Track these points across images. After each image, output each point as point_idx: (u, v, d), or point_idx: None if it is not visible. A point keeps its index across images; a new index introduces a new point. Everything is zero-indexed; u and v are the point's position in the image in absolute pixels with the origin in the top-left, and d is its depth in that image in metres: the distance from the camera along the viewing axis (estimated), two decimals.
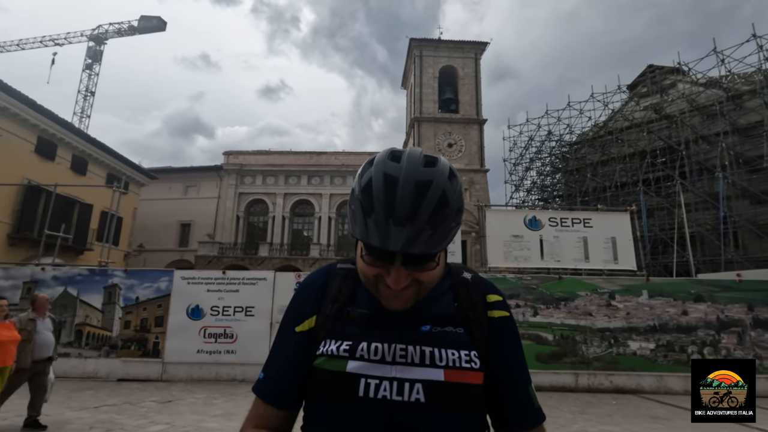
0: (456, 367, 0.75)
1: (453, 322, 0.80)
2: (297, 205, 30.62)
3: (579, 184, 28.59)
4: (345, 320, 0.80)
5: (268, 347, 4.73)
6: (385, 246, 0.67)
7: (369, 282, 0.77)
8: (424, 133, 29.67)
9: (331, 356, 0.76)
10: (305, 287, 0.88)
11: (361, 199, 0.70)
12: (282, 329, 0.86)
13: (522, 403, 0.82)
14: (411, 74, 32.64)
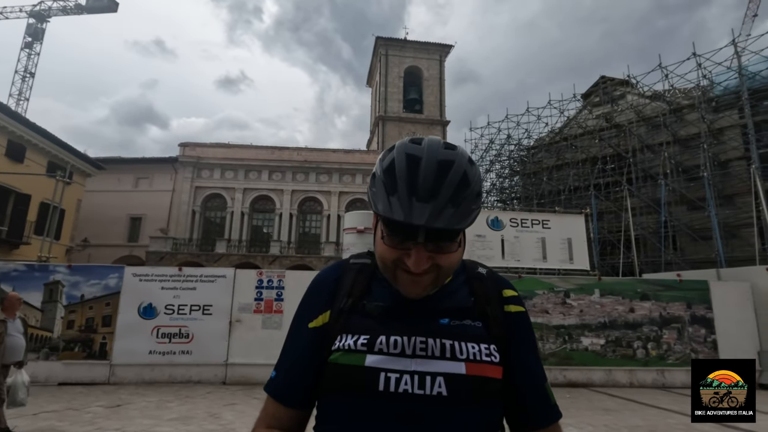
0: (477, 361, 0.75)
1: (471, 315, 0.80)
2: (257, 201, 29.79)
3: (536, 186, 29.75)
4: (361, 314, 0.79)
5: (228, 346, 4.55)
6: (409, 219, 0.67)
7: (387, 268, 0.75)
8: (389, 132, 29.77)
9: (349, 350, 0.75)
10: (318, 283, 0.87)
11: (384, 179, 0.71)
12: (294, 326, 0.84)
13: (539, 399, 0.81)
14: (376, 73, 32.66)
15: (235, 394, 6.81)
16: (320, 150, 30.79)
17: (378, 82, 31.69)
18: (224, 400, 6.36)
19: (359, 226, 9.58)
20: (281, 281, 7.90)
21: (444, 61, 31.99)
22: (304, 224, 29.99)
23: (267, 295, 7.84)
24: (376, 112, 32.04)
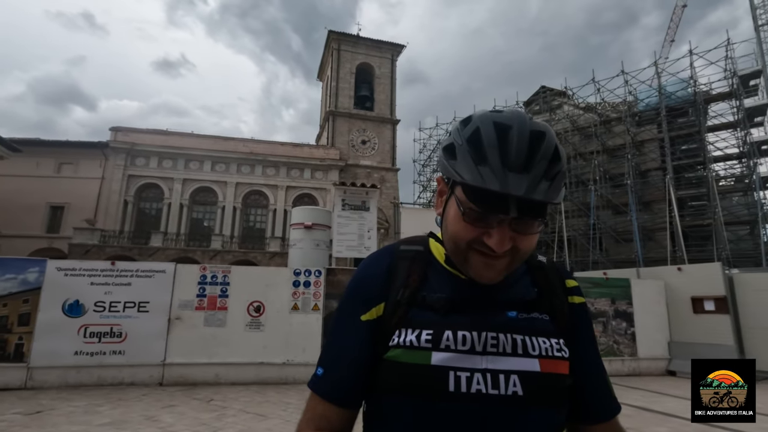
0: (549, 357, 0.70)
1: (538, 308, 0.75)
2: (198, 193, 28.30)
3: None
4: (420, 306, 0.72)
5: (165, 344, 4.34)
6: (505, 189, 0.61)
7: (459, 249, 0.69)
8: (339, 127, 29.56)
9: (411, 347, 0.68)
10: (368, 271, 0.79)
11: (469, 148, 0.65)
12: (342, 318, 0.77)
13: (603, 393, 0.78)
14: (328, 67, 32.25)
15: (174, 395, 6.46)
16: (267, 142, 29.88)
17: (329, 76, 31.32)
18: (162, 402, 6.01)
19: (307, 222, 9.45)
20: (227, 277, 7.60)
21: (396, 60, 32.30)
22: (248, 218, 28.97)
23: (211, 292, 7.50)
24: (326, 107, 31.66)
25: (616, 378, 8.08)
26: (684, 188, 24.81)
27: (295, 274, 7.95)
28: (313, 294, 7.91)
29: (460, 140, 0.67)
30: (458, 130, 0.69)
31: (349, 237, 8.91)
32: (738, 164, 25.40)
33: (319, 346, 7.65)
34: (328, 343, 0.77)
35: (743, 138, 24.03)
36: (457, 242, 0.69)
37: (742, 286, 8.38)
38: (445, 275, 0.75)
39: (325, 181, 28.31)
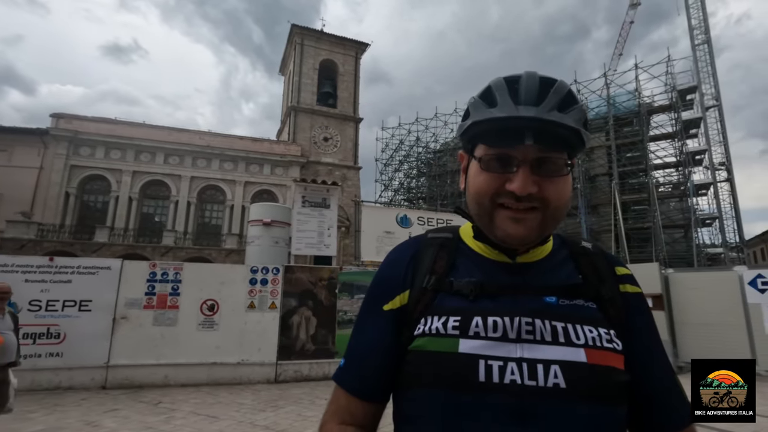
0: (598, 347, 0.62)
1: (583, 294, 0.68)
2: (149, 186, 26.90)
3: (440, 188, 31.58)
4: (448, 292, 0.68)
5: (110, 345, 4.10)
6: (515, 113, 0.60)
7: (483, 208, 0.66)
8: (301, 123, 29.10)
9: (437, 335, 0.64)
10: (393, 260, 0.77)
11: (480, 100, 0.65)
12: (365, 309, 0.75)
13: (673, 395, 0.70)
14: (290, 61, 31.65)
15: (118, 398, 6.11)
16: (225, 136, 28.89)
17: (292, 71, 30.75)
18: (104, 407, 5.67)
19: (266, 219, 9.24)
20: (178, 274, 7.28)
21: (360, 58, 32.21)
22: (203, 214, 27.90)
23: (161, 289, 7.15)
24: (288, 102, 31.07)
25: None
26: (628, 193, 26.48)
27: (252, 272, 7.75)
28: (270, 292, 7.75)
29: (474, 100, 0.66)
30: (472, 99, 0.69)
31: (308, 234, 8.80)
32: (675, 172, 27.45)
33: (275, 344, 7.51)
34: (353, 334, 0.75)
35: (680, 148, 25.99)
36: (480, 200, 0.66)
37: (676, 284, 9.05)
38: (475, 259, 0.72)
39: (286, 177, 27.76)
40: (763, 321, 7.87)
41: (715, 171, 25.85)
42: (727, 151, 26.37)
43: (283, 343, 7.62)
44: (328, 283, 8.18)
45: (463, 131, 0.68)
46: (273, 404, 5.90)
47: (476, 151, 0.67)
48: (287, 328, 7.70)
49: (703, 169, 26.69)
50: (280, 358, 7.53)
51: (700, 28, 27.96)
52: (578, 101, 0.64)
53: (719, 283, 8.45)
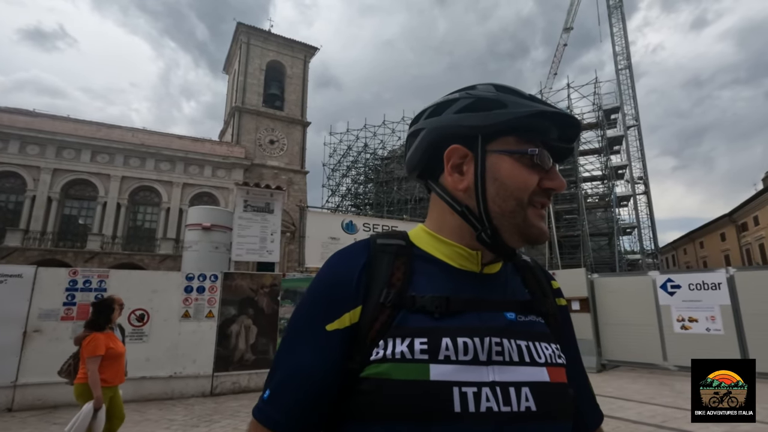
0: (554, 364, 0.62)
1: (533, 310, 0.67)
2: (72, 185, 24.63)
3: (387, 195, 31.92)
4: (409, 309, 0.60)
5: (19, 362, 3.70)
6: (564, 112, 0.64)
7: (521, 207, 0.63)
8: (246, 124, 28.19)
9: (403, 360, 0.56)
10: (338, 270, 0.65)
11: (511, 95, 0.65)
12: (299, 329, 0.62)
13: (588, 401, 0.72)
14: (235, 60, 30.64)
15: (26, 421, 5.50)
16: (162, 134, 27.23)
17: (237, 70, 29.74)
18: (9, 431, 5.08)
19: (205, 223, 8.82)
20: (103, 282, 6.72)
21: (309, 62, 31.88)
22: (135, 217, 26.01)
23: (82, 299, 6.56)
24: (232, 102, 29.99)
25: None
26: (560, 203, 28.38)
27: (188, 279, 7.35)
28: (207, 300, 7.38)
29: (491, 92, 0.65)
30: (477, 89, 0.68)
31: (250, 240, 8.51)
32: (601, 185, 29.86)
33: (212, 355, 7.16)
34: (278, 360, 0.62)
35: (605, 163, 28.35)
36: (520, 197, 0.62)
37: (599, 288, 9.82)
38: (436, 268, 0.65)
39: (228, 180, 26.68)
40: (672, 321, 8.76)
41: (635, 184, 28.48)
42: (644, 167, 29.16)
43: (221, 354, 7.28)
44: (270, 290, 7.95)
45: (498, 120, 0.62)
46: (207, 419, 5.60)
47: (500, 144, 0.64)
48: (225, 337, 7.38)
49: (624, 183, 29.31)
50: (217, 369, 7.19)
51: (623, 54, 30.81)
52: None
53: (636, 287, 9.29)
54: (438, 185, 0.69)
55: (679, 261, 41.52)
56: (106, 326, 3.72)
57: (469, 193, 0.64)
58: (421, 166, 0.71)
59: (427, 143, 0.67)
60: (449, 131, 0.65)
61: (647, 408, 5.76)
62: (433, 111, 0.69)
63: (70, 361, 3.80)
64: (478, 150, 0.63)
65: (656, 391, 6.87)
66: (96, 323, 3.66)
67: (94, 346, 3.50)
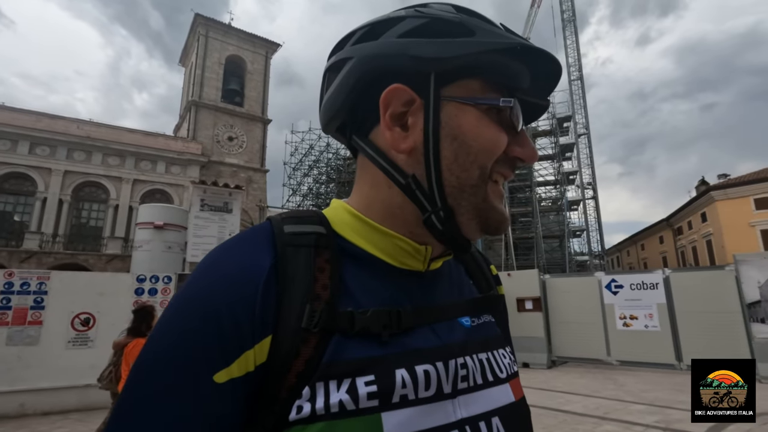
0: (513, 375, 0.51)
1: (484, 307, 0.54)
2: (7, 180, 22.73)
3: (348, 195, 31.87)
4: (345, 333, 0.41)
5: None
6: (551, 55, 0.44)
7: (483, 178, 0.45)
8: (203, 120, 27.21)
9: (343, 414, 0.37)
10: (229, 277, 0.41)
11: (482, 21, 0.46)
12: (164, 381, 0.37)
13: None
14: (192, 53, 29.49)
15: None
16: (111, 127, 25.72)
17: (194, 63, 28.62)
18: None
19: (158, 221, 8.45)
20: (43, 284, 6.28)
21: (270, 58, 31.23)
22: (80, 214, 24.40)
23: (19, 302, 6.10)
24: (188, 96, 28.84)
25: None
26: (516, 206, 29.51)
27: (139, 281, 7.02)
28: (160, 303, 7.08)
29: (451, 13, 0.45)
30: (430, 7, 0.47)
31: (207, 240, 8.25)
32: (554, 189, 31.32)
33: None
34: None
35: (558, 168, 29.77)
36: (485, 164, 0.45)
37: (551, 288, 10.32)
38: (370, 267, 0.47)
39: (183, 177, 25.62)
40: (615, 319, 9.36)
41: (584, 189, 30.11)
42: (593, 173, 30.87)
43: None
44: None
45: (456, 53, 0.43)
46: None
47: (460, 88, 0.45)
48: None
49: (575, 188, 30.88)
50: None
51: (575, 65, 32.49)
52: None
53: (584, 287, 9.85)
54: (368, 143, 0.49)
55: (623, 262, 44.31)
56: (147, 332, 3.70)
57: (415, 156, 0.45)
58: (343, 114, 0.50)
59: (354, 80, 0.46)
60: (389, 63, 0.44)
61: (592, 401, 6.14)
62: (366, 32, 0.48)
63: (111, 368, 3.83)
64: (430, 94, 0.44)
65: (601, 385, 7.33)
66: (138, 330, 3.69)
67: (138, 351, 3.44)
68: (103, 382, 3.81)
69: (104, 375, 3.83)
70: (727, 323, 9.54)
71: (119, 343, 3.74)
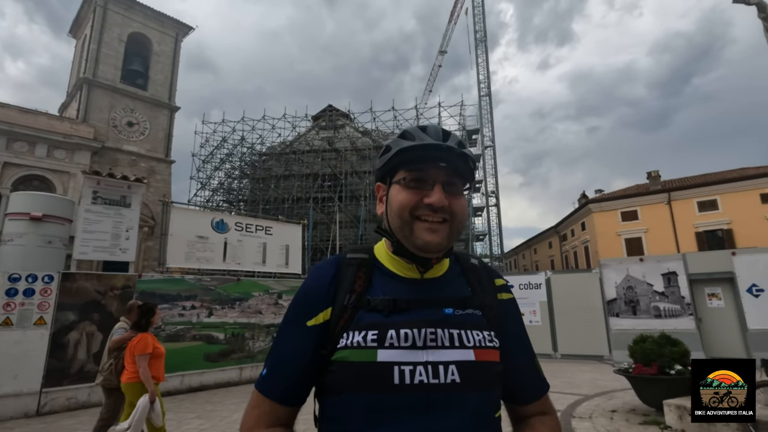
0: (482, 347, 0.79)
1: (471, 305, 0.84)
2: None
3: (263, 192, 30.80)
4: (366, 309, 0.79)
5: None
6: (438, 141, 0.79)
7: (404, 221, 0.80)
8: (97, 101, 24.33)
9: (358, 347, 0.75)
10: (315, 280, 0.86)
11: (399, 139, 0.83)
12: (289, 324, 0.84)
13: (531, 375, 0.90)
14: (87, 24, 26.22)
15: None
16: None
17: (88, 36, 25.43)
18: None
19: (35, 212, 7.51)
20: None
21: (181, 41, 28.95)
22: None
23: None
24: (80, 72, 25.58)
25: None
26: None
27: (12, 281, 6.25)
28: (38, 305, 6.36)
29: (392, 139, 0.85)
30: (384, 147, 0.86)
31: (99, 236, 7.52)
32: None
33: (42, 367, 6.19)
34: (274, 346, 0.84)
35: None
36: (401, 214, 0.80)
37: None
38: (389, 278, 0.84)
39: (70, 163, 22.63)
40: None
41: (488, 197, 32.78)
42: (497, 182, 33.71)
43: (54, 366, 6.35)
44: (122, 292, 7.19)
45: (386, 161, 0.83)
46: None
47: (396, 177, 0.82)
48: (60, 347, 6.45)
49: (480, 195, 33.47)
50: (48, 384, 6.25)
51: (485, 82, 35.23)
52: (468, 151, 0.84)
53: None
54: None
55: (519, 264, 48.95)
56: (148, 328, 4.02)
57: (383, 216, 0.86)
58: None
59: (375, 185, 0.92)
60: (377, 173, 0.89)
61: None
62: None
63: (112, 362, 4.09)
64: (388, 183, 0.85)
65: None
66: (139, 324, 3.99)
67: (144, 344, 3.80)
68: (103, 374, 4.09)
69: (104, 368, 4.12)
70: (592, 318, 11.23)
71: (121, 339, 4.11)
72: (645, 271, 10.62)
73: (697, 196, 25.80)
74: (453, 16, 38.29)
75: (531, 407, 0.89)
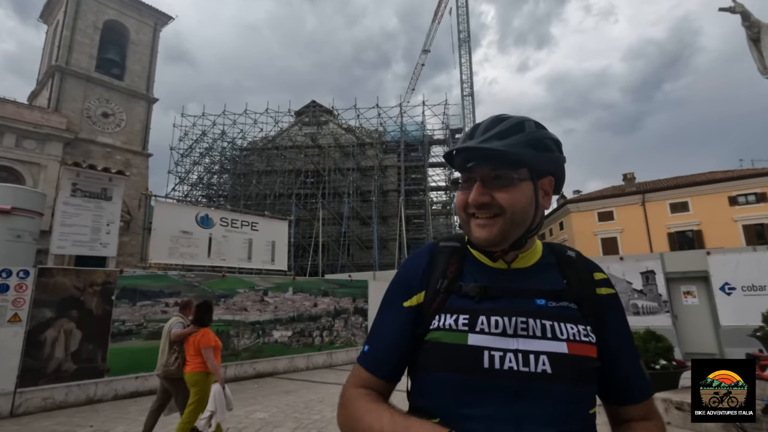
0: (577, 341, 0.78)
1: (566, 297, 0.83)
2: None
3: (244, 188, 30.29)
4: (457, 294, 0.82)
5: None
6: (467, 139, 0.82)
7: (462, 221, 0.84)
8: (70, 90, 23.38)
9: (450, 330, 0.78)
10: (411, 265, 0.91)
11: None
12: (387, 305, 0.89)
13: (634, 375, 0.86)
14: (60, 10, 25.16)
15: None
16: None
17: (61, 22, 24.38)
18: None
19: (4, 205, 7.17)
20: None
21: (160, 30, 28.10)
22: None
23: None
24: (52, 60, 24.53)
25: (350, 365, 9.42)
26: (411, 208, 31.18)
27: None
28: (13, 301, 6.07)
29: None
30: None
31: (78, 230, 7.22)
32: (444, 194, 33.85)
33: (16, 366, 5.92)
34: (375, 325, 0.89)
35: (448, 175, 32.25)
36: (459, 214, 0.85)
37: None
38: (479, 266, 0.87)
39: (41, 154, 21.67)
40: None
41: None
42: None
43: (29, 365, 6.08)
44: (102, 288, 6.93)
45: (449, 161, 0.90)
46: None
47: None
48: (36, 345, 6.18)
49: None
50: (23, 384, 5.98)
51: (467, 82, 35.57)
52: (525, 130, 0.81)
53: None
54: None
55: None
56: (209, 323, 4.34)
57: None
58: None
59: None
60: None
61: None
62: None
63: (177, 356, 4.35)
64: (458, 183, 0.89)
65: None
66: (202, 320, 4.29)
67: (209, 338, 4.16)
68: (171, 368, 4.32)
69: (171, 362, 4.34)
70: None
71: (182, 333, 4.35)
72: (625, 269, 10.90)
73: (670, 198, 26.73)
74: (437, 16, 38.45)
75: (632, 409, 0.85)
